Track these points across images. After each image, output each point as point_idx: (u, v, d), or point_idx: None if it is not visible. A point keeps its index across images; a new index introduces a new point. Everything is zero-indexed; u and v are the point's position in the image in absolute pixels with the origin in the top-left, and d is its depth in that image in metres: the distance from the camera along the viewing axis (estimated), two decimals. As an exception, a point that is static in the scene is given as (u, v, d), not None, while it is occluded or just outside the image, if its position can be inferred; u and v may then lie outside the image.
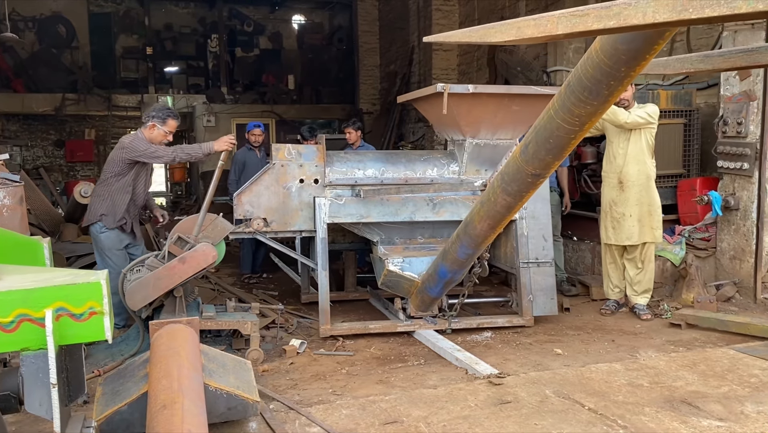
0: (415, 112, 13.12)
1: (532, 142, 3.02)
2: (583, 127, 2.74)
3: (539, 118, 2.94)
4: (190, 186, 17.30)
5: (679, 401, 3.56)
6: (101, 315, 2.22)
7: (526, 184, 3.28)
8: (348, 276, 6.32)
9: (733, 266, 5.93)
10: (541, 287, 5.28)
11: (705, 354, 4.38)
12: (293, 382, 4.10)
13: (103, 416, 2.98)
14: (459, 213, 5.04)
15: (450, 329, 5.00)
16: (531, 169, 3.14)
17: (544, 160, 3.05)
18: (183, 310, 4.28)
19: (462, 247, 4.17)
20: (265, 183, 5.04)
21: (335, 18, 18.68)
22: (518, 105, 4.97)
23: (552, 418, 3.35)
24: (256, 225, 4.97)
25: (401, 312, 5.18)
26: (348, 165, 5.18)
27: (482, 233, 3.92)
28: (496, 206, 3.59)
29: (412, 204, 5.07)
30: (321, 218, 4.98)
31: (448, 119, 5.01)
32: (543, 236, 5.33)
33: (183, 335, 3.29)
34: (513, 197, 3.43)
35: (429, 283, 4.76)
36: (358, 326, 5.07)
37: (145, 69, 16.75)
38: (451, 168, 5.28)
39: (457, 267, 4.45)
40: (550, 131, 2.85)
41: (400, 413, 3.45)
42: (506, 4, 10.35)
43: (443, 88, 4.73)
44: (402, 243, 5.24)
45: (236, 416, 3.23)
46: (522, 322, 5.18)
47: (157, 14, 17.20)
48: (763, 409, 3.42)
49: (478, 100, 4.90)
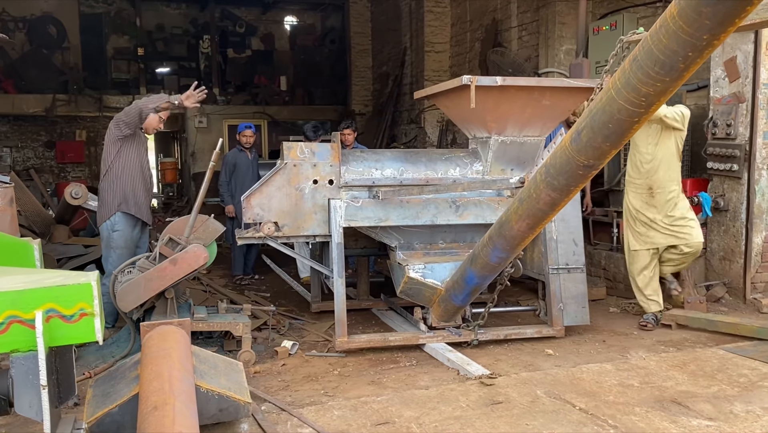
0: (408, 114, 13.14)
1: (586, 128, 2.74)
2: (649, 108, 2.48)
3: (595, 101, 2.70)
4: (182, 187, 17.25)
5: (669, 401, 3.58)
6: (92, 316, 2.21)
7: (575, 177, 3.00)
8: (361, 283, 5.97)
9: (723, 266, 5.97)
10: (572, 295, 4.98)
11: (695, 354, 4.41)
12: (285, 383, 4.10)
13: (94, 417, 2.97)
14: (484, 216, 4.78)
15: (477, 341, 4.70)
16: (583, 160, 2.85)
17: (600, 148, 2.77)
18: (174, 311, 4.27)
19: (495, 250, 3.88)
20: (276, 184, 4.73)
21: (327, 19, 18.68)
22: (549, 99, 4.64)
23: (543, 418, 3.36)
24: (267, 230, 4.67)
25: (422, 322, 4.85)
26: (365, 165, 4.87)
27: (519, 233, 3.63)
28: (539, 203, 3.30)
29: (433, 206, 4.75)
30: (336, 221, 4.64)
31: (472, 115, 4.72)
32: (573, 240, 5.06)
33: (174, 337, 3.28)
34: (559, 192, 3.15)
35: (454, 290, 4.47)
36: (377, 339, 4.72)
37: (137, 70, 16.69)
38: (475, 167, 4.95)
39: (487, 272, 4.16)
40: (610, 114, 2.58)
41: (391, 414, 3.45)
42: (498, 5, 10.38)
43: (470, 81, 4.39)
44: (422, 248, 4.90)
45: (228, 417, 3.22)
46: (552, 332, 4.87)
47: (148, 15, 17.14)
48: (752, 408, 3.45)
49: (506, 94, 4.55)
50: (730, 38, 5.68)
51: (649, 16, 7.57)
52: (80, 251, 6.49)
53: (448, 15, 12.25)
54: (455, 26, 12.13)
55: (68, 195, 6.36)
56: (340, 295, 4.63)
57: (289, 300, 6.44)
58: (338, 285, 4.64)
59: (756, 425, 3.25)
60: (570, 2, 8.46)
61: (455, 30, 12.14)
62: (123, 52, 17.06)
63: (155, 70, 17.25)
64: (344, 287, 4.67)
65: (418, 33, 12.52)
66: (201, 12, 17.66)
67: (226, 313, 4.63)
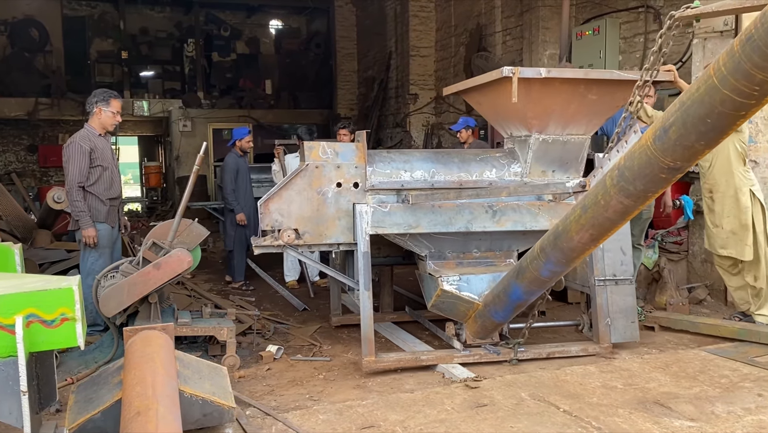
0: (393, 117, 13.17)
1: (676, 125, 2.38)
2: (762, 100, 2.13)
3: (687, 92, 2.34)
4: (166, 191, 17.15)
5: (651, 402, 3.61)
6: (73, 321, 2.20)
7: (656, 181, 2.64)
8: (384, 295, 5.58)
9: (705, 268, 6.03)
10: (620, 309, 4.60)
11: (677, 356, 4.45)
12: (270, 388, 4.09)
13: (76, 424, 2.93)
14: (523, 222, 4.41)
15: (516, 360, 4.33)
16: (669, 161, 2.48)
17: (692, 148, 2.40)
18: (158, 316, 4.24)
19: (548, 263, 3.49)
20: (297, 188, 4.32)
21: (313, 23, 18.68)
22: (596, 93, 4.27)
23: (527, 420, 3.38)
24: (287, 237, 4.28)
25: (455, 340, 4.48)
26: (393, 166, 4.47)
27: (580, 246, 3.25)
28: (607, 211, 2.93)
29: (468, 211, 4.37)
30: (362, 228, 4.24)
31: (510, 111, 4.35)
32: (621, 249, 4.66)
33: (158, 341, 3.25)
34: (634, 199, 2.78)
35: (494, 306, 4.09)
36: (407, 358, 4.36)
37: (121, 73, 16.59)
38: (513, 169, 4.55)
39: (536, 287, 3.78)
40: (710, 107, 2.21)
41: (377, 418, 3.45)
42: (482, 10, 10.44)
43: (512, 72, 4.01)
44: (454, 257, 4.51)
45: (212, 422, 3.20)
46: (599, 350, 4.49)
47: (132, 18, 17.04)
48: (733, 409, 3.49)
49: (549, 88, 4.18)
50: (710, 44, 5.76)
51: (632, 21, 7.65)
52: (62, 255, 6.42)
53: (433, 19, 12.31)
54: (440, 31, 12.19)
55: (50, 199, 6.30)
56: (367, 309, 4.23)
57: (274, 304, 6.42)
58: (365, 299, 4.24)
59: (737, 425, 3.29)
60: (553, 7, 8.54)
61: (440, 34, 12.19)
62: (107, 55, 16.97)
63: (139, 74, 17.16)
64: (371, 301, 4.28)
65: (403, 37, 12.56)
66: (186, 15, 17.60)
67: (210, 317, 4.60)
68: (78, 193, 4.94)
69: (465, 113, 11.07)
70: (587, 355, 4.48)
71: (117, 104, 5.10)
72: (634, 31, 7.63)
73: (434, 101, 12.41)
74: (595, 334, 4.59)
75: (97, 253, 5.02)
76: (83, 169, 4.95)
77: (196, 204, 11.39)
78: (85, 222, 4.93)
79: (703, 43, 5.79)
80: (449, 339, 4.57)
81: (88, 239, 4.92)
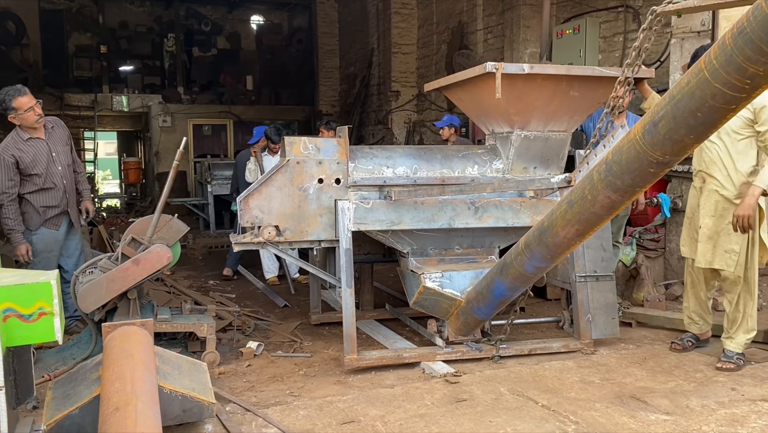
0: (375, 115, 13.18)
1: (666, 118, 2.37)
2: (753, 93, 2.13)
3: (678, 85, 2.33)
4: (145, 187, 17.00)
5: (628, 397, 3.66)
6: (51, 316, 2.18)
7: (644, 175, 2.63)
8: (364, 292, 5.52)
9: (681, 265, 6.09)
10: (601, 305, 4.64)
11: (654, 351, 4.53)
12: (250, 384, 4.08)
13: (53, 420, 2.91)
14: (505, 218, 4.41)
15: (498, 357, 4.35)
16: (658, 155, 2.48)
17: (681, 142, 2.39)
18: (137, 312, 4.21)
19: (532, 259, 3.50)
20: (277, 184, 4.26)
21: (294, 19, 18.62)
22: (578, 90, 4.27)
23: (506, 415, 3.41)
24: (267, 234, 4.22)
25: (437, 337, 4.48)
26: (375, 162, 4.43)
27: (565, 241, 3.24)
28: (594, 206, 2.92)
29: (450, 208, 4.35)
30: (345, 224, 4.22)
31: (492, 107, 4.35)
32: (602, 246, 4.69)
33: (136, 337, 3.24)
34: (621, 194, 2.77)
35: (477, 302, 4.10)
36: (390, 355, 4.33)
37: (99, 68, 16.40)
38: (495, 165, 4.55)
39: (520, 283, 3.79)
40: (701, 101, 2.21)
41: (357, 413, 3.46)
42: (464, 8, 10.48)
43: (495, 68, 3.99)
44: (436, 254, 4.52)
45: (191, 418, 3.20)
46: (580, 346, 4.53)
47: (111, 12, 16.86)
48: (707, 403, 3.55)
49: (532, 84, 4.18)
50: (688, 44, 5.84)
51: (611, 21, 7.73)
52: (40, 251, 6.34)
53: (415, 17, 12.33)
54: (422, 28, 12.22)
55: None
56: (349, 307, 4.21)
57: (254, 301, 6.40)
58: (347, 296, 4.22)
59: (711, 418, 3.35)
60: (534, 6, 8.60)
61: (422, 32, 12.22)
62: (85, 49, 16.76)
63: (118, 69, 16.98)
64: (353, 298, 4.25)
65: (385, 34, 12.57)
66: (166, 10, 17.45)
67: (190, 314, 4.58)
68: (8, 209, 4.64)
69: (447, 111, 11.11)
70: (569, 351, 4.51)
71: (23, 101, 4.62)
72: (614, 30, 7.72)
73: (416, 98, 12.44)
74: (576, 330, 4.62)
75: (37, 259, 4.83)
76: (6, 182, 4.63)
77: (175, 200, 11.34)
78: (15, 239, 4.68)
79: (681, 43, 5.87)
80: (431, 336, 4.57)
81: (21, 257, 4.70)
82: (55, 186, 4.87)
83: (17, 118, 4.69)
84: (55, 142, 4.91)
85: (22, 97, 4.62)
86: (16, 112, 4.66)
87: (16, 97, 4.61)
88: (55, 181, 4.87)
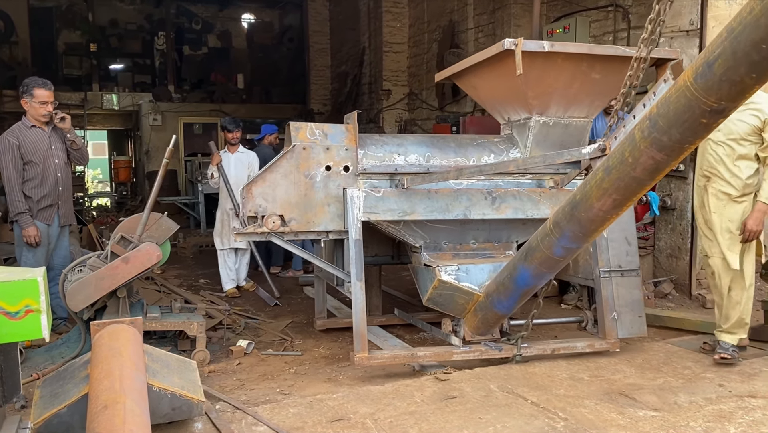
0: (366, 113, 13.17)
1: (723, 56, 2.06)
2: None
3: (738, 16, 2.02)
4: (135, 186, 16.93)
5: (617, 393, 3.68)
6: (38, 313, 2.17)
7: (695, 127, 2.31)
8: (372, 297, 5.14)
9: (670, 263, 6.16)
10: (626, 302, 4.38)
11: (642, 348, 4.55)
12: (240, 382, 4.07)
13: (41, 418, 2.90)
14: (524, 209, 4.17)
15: (519, 356, 4.12)
16: (713, 101, 2.17)
17: (741, 83, 2.07)
18: (126, 311, 4.20)
19: (563, 238, 3.18)
20: (283, 171, 4.04)
21: (286, 17, 18.58)
22: (600, 72, 4.00)
23: (496, 412, 3.42)
24: (271, 224, 4.01)
25: (453, 336, 4.22)
26: (385, 149, 4.22)
27: (600, 214, 2.93)
28: (635, 170, 2.60)
29: (466, 198, 4.11)
30: (354, 214, 3.98)
31: (509, 92, 4.13)
32: (626, 238, 4.45)
33: (125, 335, 3.22)
34: (668, 153, 2.45)
35: (498, 295, 3.81)
36: (403, 354, 4.11)
37: (89, 66, 16.32)
38: (512, 154, 4.33)
39: (546, 269, 3.48)
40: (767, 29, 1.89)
41: (347, 411, 3.47)
42: (455, 7, 10.49)
43: (514, 45, 3.74)
44: (451, 249, 4.25)
45: (181, 416, 3.19)
46: (605, 346, 4.25)
47: (101, 10, 16.77)
48: (694, 399, 3.58)
49: (552, 63, 3.92)
50: (676, 43, 5.87)
51: (601, 20, 7.76)
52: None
53: (406, 16, 12.34)
54: (413, 27, 12.23)
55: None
56: (360, 303, 3.95)
57: (245, 300, 6.39)
58: (357, 290, 3.96)
59: (698, 414, 3.38)
60: (525, 5, 8.63)
61: (413, 31, 12.23)
62: (75, 47, 16.68)
63: (109, 67, 16.90)
64: (364, 292, 4.00)
65: (376, 33, 12.57)
66: (156, 8, 17.38)
67: (180, 312, 4.57)
68: (19, 193, 4.79)
69: (437, 109, 11.13)
70: (594, 351, 4.27)
71: (42, 93, 4.85)
72: (604, 29, 7.75)
73: (407, 97, 12.45)
74: (601, 329, 4.33)
75: (30, 254, 4.89)
76: (18, 164, 4.80)
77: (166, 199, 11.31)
78: (24, 221, 4.79)
79: (670, 42, 5.91)
80: (446, 336, 4.29)
81: (29, 238, 4.78)
82: (50, 177, 4.95)
83: (29, 105, 4.89)
84: (56, 138, 5.06)
85: (44, 90, 4.86)
86: (31, 99, 4.86)
87: (40, 87, 4.86)
88: (50, 172, 4.96)
